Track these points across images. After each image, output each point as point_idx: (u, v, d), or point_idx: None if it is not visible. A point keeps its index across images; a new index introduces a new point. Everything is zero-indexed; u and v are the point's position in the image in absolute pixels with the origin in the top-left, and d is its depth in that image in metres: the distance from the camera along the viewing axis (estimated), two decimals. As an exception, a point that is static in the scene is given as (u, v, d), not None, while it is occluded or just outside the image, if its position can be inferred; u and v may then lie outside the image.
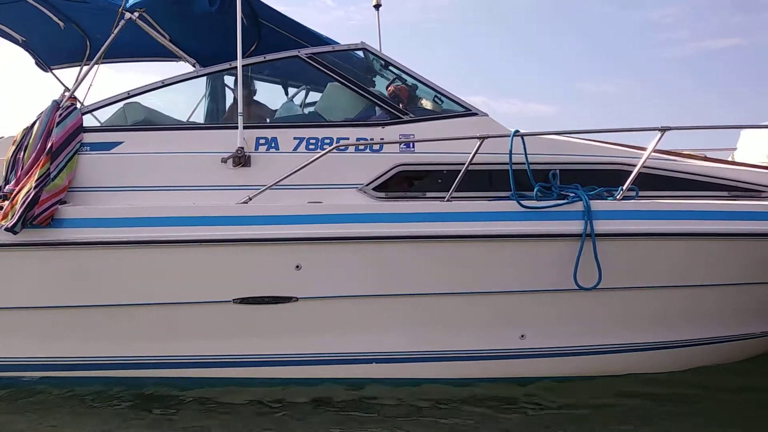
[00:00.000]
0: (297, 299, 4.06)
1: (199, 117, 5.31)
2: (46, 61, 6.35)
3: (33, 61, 6.37)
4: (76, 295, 4.05)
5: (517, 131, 4.06)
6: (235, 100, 5.01)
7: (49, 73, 6.46)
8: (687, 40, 23.78)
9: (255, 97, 5.11)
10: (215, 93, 5.31)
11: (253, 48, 6.14)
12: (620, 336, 4.24)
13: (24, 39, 5.93)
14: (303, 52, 4.48)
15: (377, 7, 5.76)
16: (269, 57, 4.54)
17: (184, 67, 6.49)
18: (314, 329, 4.12)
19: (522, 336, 4.21)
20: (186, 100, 5.29)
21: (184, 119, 5.13)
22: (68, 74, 6.62)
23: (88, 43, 6.14)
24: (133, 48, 5.73)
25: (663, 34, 24.01)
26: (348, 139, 4.29)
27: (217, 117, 5.12)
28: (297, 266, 4.01)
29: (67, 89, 6.30)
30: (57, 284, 4.03)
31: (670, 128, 3.99)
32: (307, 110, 4.95)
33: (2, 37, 5.82)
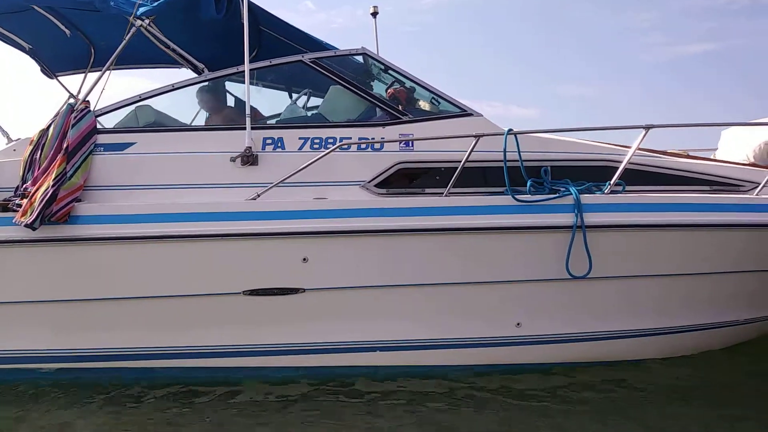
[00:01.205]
0: (304, 290, 4.24)
1: (201, 119, 5.51)
2: (52, 68, 6.51)
3: (39, 68, 6.57)
4: (91, 288, 4.21)
5: (510, 130, 4.29)
6: (235, 102, 5.24)
7: (54, 80, 6.67)
8: (663, 44, 24.31)
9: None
10: (218, 98, 5.50)
11: (254, 54, 6.37)
12: (611, 323, 4.45)
13: (30, 47, 6.09)
14: (306, 57, 4.70)
15: (374, 15, 5.99)
16: (275, 61, 4.75)
17: (186, 73, 6.75)
18: (321, 319, 4.30)
19: (518, 324, 4.41)
20: (191, 103, 5.48)
21: (189, 121, 5.33)
22: (73, 81, 6.85)
23: (92, 50, 6.32)
24: (138, 54, 5.90)
25: (641, 38, 24.51)
26: (350, 138, 4.49)
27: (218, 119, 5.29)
28: (304, 259, 4.19)
29: (72, 95, 6.51)
30: (74, 278, 4.19)
31: (653, 126, 4.24)
32: (310, 112, 5.15)
33: (9, 44, 5.98)
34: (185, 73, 6.74)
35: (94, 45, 6.20)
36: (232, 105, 5.28)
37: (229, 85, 5.35)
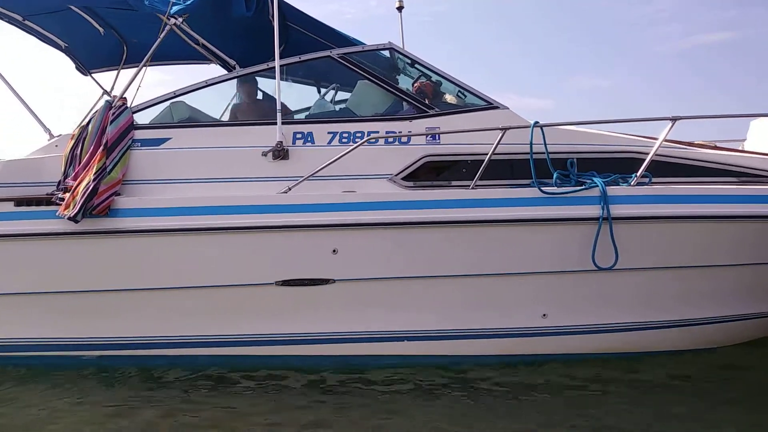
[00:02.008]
0: (334, 281, 4.36)
1: (220, 112, 5.63)
2: (86, 65, 6.72)
3: (74, 65, 6.78)
4: (131, 279, 4.39)
5: (536, 122, 4.34)
6: (264, 97, 5.34)
7: (88, 77, 6.88)
8: (680, 34, 23.78)
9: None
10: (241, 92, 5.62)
11: (281, 49, 6.48)
12: (636, 314, 4.49)
13: (66, 45, 6.30)
14: (335, 53, 4.79)
15: (400, 9, 6.05)
16: (304, 57, 4.85)
17: (215, 69, 6.89)
18: (349, 309, 4.42)
19: (544, 315, 4.48)
20: (221, 99, 5.61)
21: (219, 116, 5.46)
22: (106, 77, 7.05)
23: (125, 47, 6.50)
24: (169, 51, 6.03)
25: (657, 28, 24.01)
26: (378, 132, 4.58)
27: (246, 114, 5.39)
28: (333, 250, 4.31)
29: (105, 92, 6.71)
30: (114, 269, 4.37)
31: (680, 118, 4.25)
32: (338, 106, 5.24)
33: (47, 43, 6.18)
34: (213, 69, 6.92)
35: (126, 42, 6.38)
36: (261, 99, 5.40)
37: (259, 80, 5.47)
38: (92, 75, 6.81)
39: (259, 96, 5.42)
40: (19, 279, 4.45)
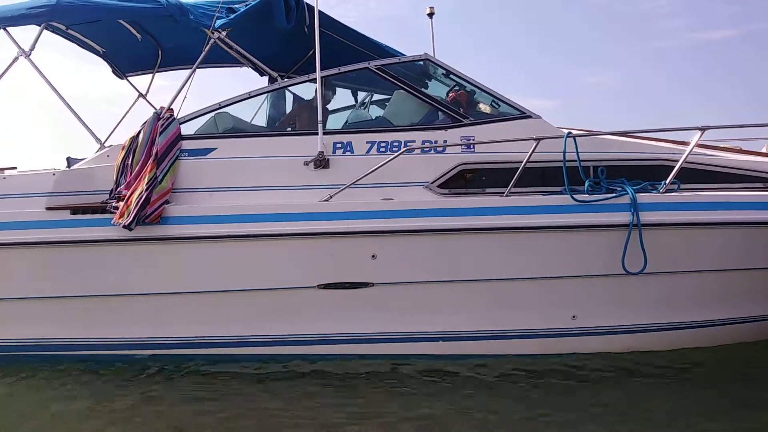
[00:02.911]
0: (373, 285, 4.57)
1: (262, 121, 5.84)
2: (122, 70, 6.97)
3: (110, 70, 7.01)
4: (182, 283, 4.63)
5: (569, 133, 4.50)
6: (298, 106, 5.53)
7: (124, 80, 7.11)
8: (683, 30, 23.58)
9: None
10: (275, 101, 5.82)
11: (310, 53, 6.67)
12: (664, 316, 4.65)
13: (104, 50, 6.53)
14: (372, 64, 4.97)
15: (431, 15, 6.19)
16: (343, 69, 5.03)
17: (246, 71, 7.10)
18: (388, 311, 4.62)
19: (573, 316, 4.66)
20: (255, 108, 5.81)
21: (258, 121, 5.66)
22: (141, 81, 7.27)
23: (159, 51, 6.73)
24: (198, 55, 6.24)
25: (658, 23, 23.84)
26: (414, 141, 4.76)
27: (275, 123, 5.53)
28: (373, 256, 4.51)
29: (141, 95, 6.93)
30: (166, 274, 4.62)
31: (709, 127, 4.38)
32: (375, 115, 5.42)
33: (86, 49, 6.40)
34: (245, 71, 7.14)
35: (161, 47, 6.61)
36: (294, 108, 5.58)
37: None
38: (128, 78, 7.07)
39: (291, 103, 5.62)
40: (75, 283, 4.69)
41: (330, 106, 5.40)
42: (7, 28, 5.14)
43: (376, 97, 5.77)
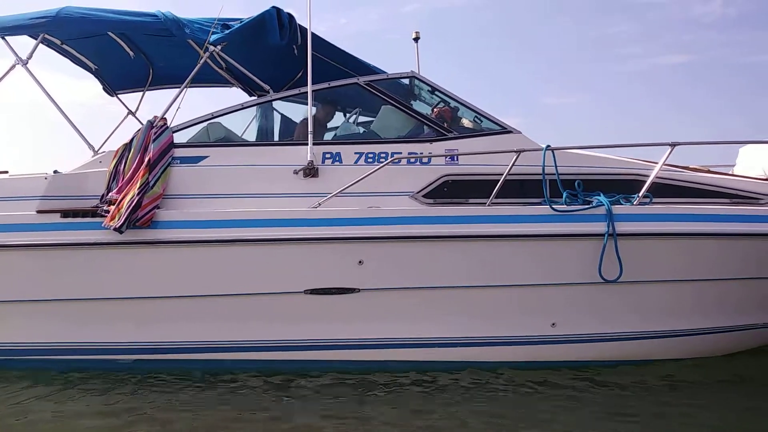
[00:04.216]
0: (359, 290, 4.67)
1: (252, 134, 5.99)
2: (113, 87, 7.09)
3: (101, 87, 7.13)
4: (170, 286, 4.68)
5: (548, 146, 4.72)
6: (286, 119, 5.70)
7: (114, 98, 7.23)
8: (642, 56, 24.75)
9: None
10: (267, 114, 6.00)
11: (300, 74, 6.90)
12: (639, 324, 4.82)
13: (96, 67, 6.66)
14: (362, 80, 5.19)
15: (416, 39, 6.48)
16: (333, 84, 5.24)
17: (236, 92, 7.28)
18: (374, 317, 4.72)
19: (553, 324, 4.80)
20: (250, 119, 5.96)
21: (250, 136, 5.80)
22: (131, 98, 7.40)
23: (151, 69, 6.89)
24: (189, 74, 6.41)
25: (620, 49, 25.00)
26: (401, 153, 4.95)
27: (269, 135, 5.70)
28: (359, 262, 4.63)
29: (130, 112, 7.06)
30: (154, 277, 4.67)
31: (679, 143, 4.65)
32: (362, 128, 5.62)
33: (78, 65, 6.53)
34: (235, 92, 7.32)
35: (153, 65, 6.76)
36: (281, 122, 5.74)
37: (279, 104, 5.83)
38: (118, 96, 7.19)
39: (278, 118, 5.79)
40: (64, 286, 4.72)
41: (329, 123, 5.60)
42: (6, 38, 5.27)
43: (362, 118, 5.98)
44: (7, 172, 5.21)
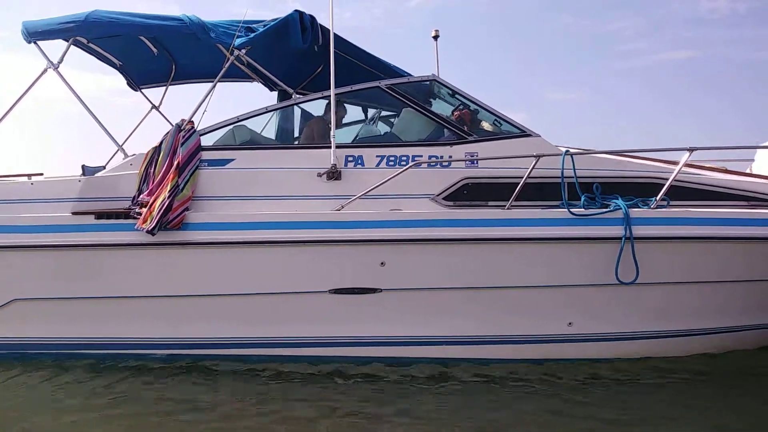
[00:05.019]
0: (381, 290, 4.83)
1: (272, 131, 6.12)
2: (137, 82, 7.25)
3: (125, 82, 7.29)
4: (199, 285, 4.88)
5: (567, 151, 4.81)
6: (321, 119, 5.80)
7: (138, 92, 7.38)
8: (645, 52, 24.47)
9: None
10: (287, 113, 6.12)
11: (319, 70, 7.00)
12: (654, 324, 4.94)
13: (121, 63, 6.81)
14: (383, 84, 5.28)
15: (436, 38, 6.52)
16: (355, 87, 5.33)
17: (257, 86, 7.41)
18: (395, 316, 4.88)
19: (570, 323, 4.94)
20: (267, 122, 6.08)
21: (267, 133, 5.93)
22: (155, 93, 7.56)
23: (173, 66, 7.02)
24: (216, 70, 6.54)
25: (622, 45, 24.76)
26: (421, 156, 5.06)
27: (289, 137, 5.81)
28: (381, 263, 4.77)
29: (154, 106, 7.21)
30: (184, 277, 4.87)
31: (697, 148, 4.70)
32: (383, 131, 5.72)
33: (103, 61, 6.68)
34: (255, 86, 7.45)
35: (176, 61, 6.90)
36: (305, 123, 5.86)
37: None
38: (142, 90, 7.34)
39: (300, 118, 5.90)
40: (99, 284, 4.94)
41: (341, 122, 5.69)
42: (38, 42, 5.42)
43: (384, 113, 6.08)
44: (42, 174, 5.41)
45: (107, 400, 4.39)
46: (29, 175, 5.45)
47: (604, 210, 4.72)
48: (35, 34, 5.40)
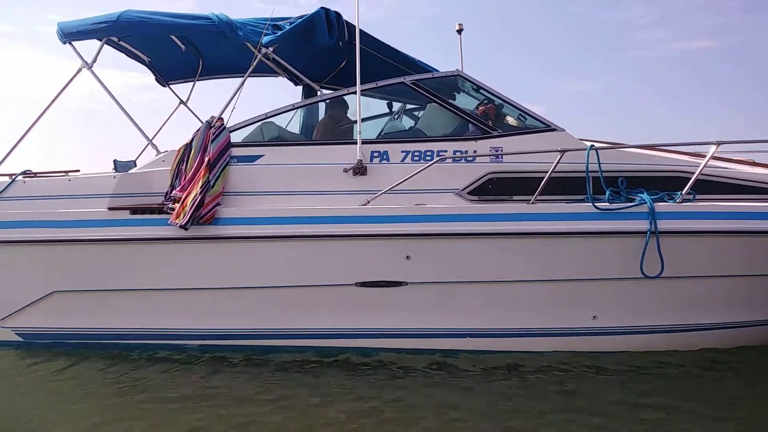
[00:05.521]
0: (407, 284, 4.92)
1: (296, 126, 6.23)
2: (165, 78, 7.41)
3: (154, 77, 7.45)
4: (231, 278, 5.03)
5: (592, 146, 4.82)
6: (329, 117, 5.89)
7: (166, 87, 7.54)
8: (661, 41, 23.90)
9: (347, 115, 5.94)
10: (313, 112, 6.21)
11: (343, 64, 7.08)
12: (679, 318, 4.96)
13: (150, 60, 6.96)
14: (408, 79, 5.33)
15: (459, 32, 6.54)
16: (381, 83, 5.39)
17: (281, 81, 7.52)
18: (420, 309, 4.98)
19: (594, 317, 4.98)
20: (295, 117, 6.19)
21: (292, 128, 6.04)
22: (182, 88, 7.72)
23: (201, 62, 7.16)
24: (240, 65, 6.63)
25: (638, 34, 24.20)
26: (446, 151, 5.11)
27: (314, 129, 5.92)
28: (407, 257, 4.87)
29: (182, 101, 7.37)
30: (216, 270, 5.02)
31: (723, 142, 4.69)
32: (408, 126, 5.78)
33: (132, 58, 6.84)
34: (280, 80, 7.56)
35: (203, 58, 7.04)
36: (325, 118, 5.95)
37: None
38: (170, 86, 7.51)
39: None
40: (134, 278, 5.13)
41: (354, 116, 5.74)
42: (73, 42, 5.59)
43: (409, 107, 6.15)
44: (78, 170, 5.60)
45: (137, 388, 4.56)
46: (67, 172, 5.64)
47: (630, 204, 4.73)
48: (70, 34, 5.56)
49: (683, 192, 4.75)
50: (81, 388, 4.59)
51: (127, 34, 5.82)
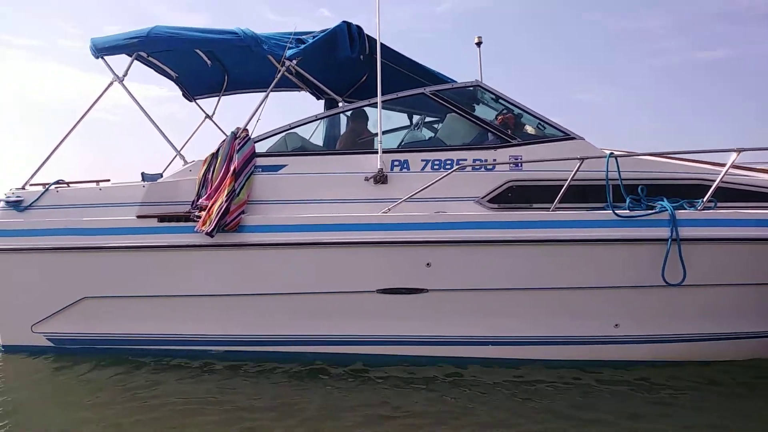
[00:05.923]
0: (428, 291, 4.97)
1: (320, 138, 6.35)
2: (192, 93, 7.63)
3: (181, 92, 7.67)
4: (256, 285, 5.12)
5: (612, 153, 4.86)
6: (351, 130, 6.01)
7: (193, 102, 7.76)
8: (675, 50, 23.69)
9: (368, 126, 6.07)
10: (334, 120, 6.35)
11: (364, 78, 7.22)
12: (702, 326, 4.92)
13: (177, 75, 7.19)
14: (428, 90, 5.44)
15: (479, 44, 6.65)
16: (401, 94, 5.51)
17: (303, 95, 7.69)
18: (441, 316, 5.02)
19: (616, 325, 4.97)
20: (315, 129, 6.32)
21: (315, 140, 6.17)
22: (208, 103, 7.94)
23: (226, 77, 7.37)
24: (264, 80, 6.80)
25: (651, 44, 24.01)
26: (466, 160, 5.19)
27: (336, 140, 6.03)
28: (428, 264, 4.92)
29: (207, 116, 7.57)
30: (242, 276, 5.13)
31: (744, 149, 4.66)
32: (428, 135, 5.88)
33: (160, 73, 7.05)
34: (302, 95, 7.73)
35: (228, 72, 7.24)
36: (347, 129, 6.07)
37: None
38: (196, 101, 7.72)
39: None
40: (162, 284, 5.25)
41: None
42: (105, 57, 5.81)
43: (429, 119, 6.25)
44: (109, 180, 5.78)
45: (159, 394, 4.67)
46: (97, 182, 5.83)
47: (650, 212, 4.74)
48: (102, 49, 5.78)
49: (704, 199, 4.74)
50: (108, 393, 4.71)
51: (157, 49, 6.02)
